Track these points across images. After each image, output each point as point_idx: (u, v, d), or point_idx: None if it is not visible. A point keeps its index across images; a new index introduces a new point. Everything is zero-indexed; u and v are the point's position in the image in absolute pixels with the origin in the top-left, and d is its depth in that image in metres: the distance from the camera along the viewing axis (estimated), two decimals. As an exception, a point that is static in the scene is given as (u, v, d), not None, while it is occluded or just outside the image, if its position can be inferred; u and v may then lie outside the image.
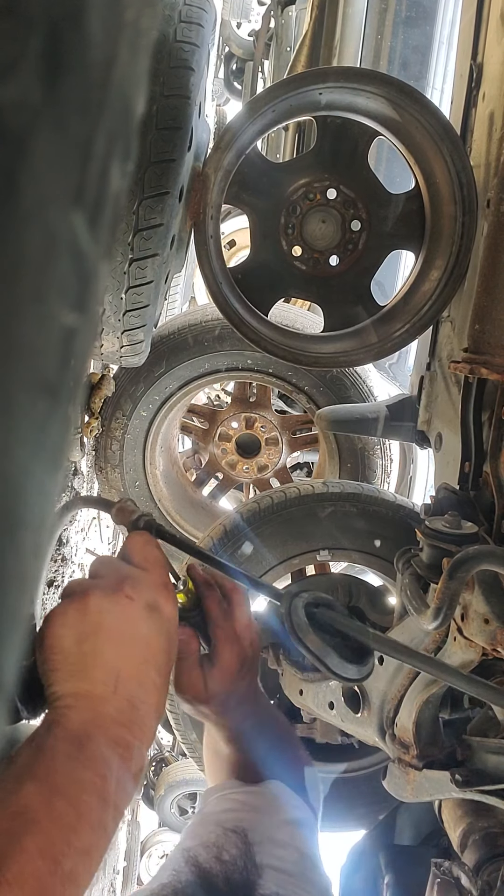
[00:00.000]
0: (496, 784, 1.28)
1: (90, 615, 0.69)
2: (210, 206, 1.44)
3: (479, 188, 1.45)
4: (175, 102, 1.30)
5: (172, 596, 0.77)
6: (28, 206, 0.18)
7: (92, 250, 0.21)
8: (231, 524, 1.95)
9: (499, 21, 1.47)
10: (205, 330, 2.69)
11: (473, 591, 1.20)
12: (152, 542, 0.81)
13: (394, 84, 1.39)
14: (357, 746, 2.05)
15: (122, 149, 0.22)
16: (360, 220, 1.55)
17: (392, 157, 2.67)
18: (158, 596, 0.74)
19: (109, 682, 0.66)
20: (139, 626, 0.71)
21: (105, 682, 0.66)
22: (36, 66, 0.17)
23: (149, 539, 0.81)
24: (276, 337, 1.59)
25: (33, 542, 0.21)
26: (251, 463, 3.24)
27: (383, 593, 2.02)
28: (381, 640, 0.79)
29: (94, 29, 0.19)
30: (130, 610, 0.71)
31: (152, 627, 0.72)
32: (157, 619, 0.73)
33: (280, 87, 1.40)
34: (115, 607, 0.70)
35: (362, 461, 2.85)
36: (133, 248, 1.33)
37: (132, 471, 2.87)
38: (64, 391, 0.21)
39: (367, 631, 0.79)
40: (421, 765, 1.37)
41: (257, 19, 8.59)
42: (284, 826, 0.92)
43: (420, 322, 1.56)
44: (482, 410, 1.45)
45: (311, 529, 1.93)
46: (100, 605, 0.70)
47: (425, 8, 3.08)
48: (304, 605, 0.78)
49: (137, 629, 0.71)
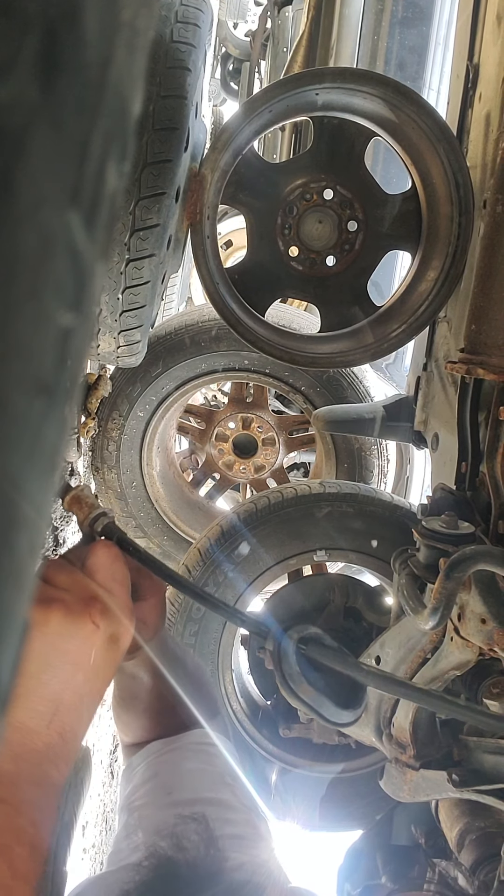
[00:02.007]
0: (493, 784, 1.28)
1: (48, 635, 0.64)
2: (207, 206, 1.44)
3: (475, 189, 1.46)
4: (172, 103, 1.30)
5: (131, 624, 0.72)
6: (24, 205, 0.18)
7: (88, 250, 0.21)
8: (228, 525, 1.95)
9: (495, 22, 1.47)
10: (201, 330, 2.69)
11: (470, 591, 1.20)
12: (119, 559, 0.74)
13: (390, 84, 1.39)
14: (354, 747, 2.05)
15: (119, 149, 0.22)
16: (356, 220, 1.55)
17: (389, 157, 2.68)
18: (121, 627, 0.69)
19: (46, 715, 0.62)
20: (96, 657, 0.67)
21: (42, 715, 0.62)
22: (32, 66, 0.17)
23: (116, 554, 0.74)
24: (273, 337, 1.59)
25: (29, 541, 0.21)
26: (248, 463, 3.24)
27: (380, 593, 2.02)
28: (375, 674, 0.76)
29: (90, 29, 0.19)
30: (93, 640, 0.66)
31: (107, 661, 0.68)
32: (114, 652, 0.69)
33: (277, 88, 1.40)
34: (78, 633, 0.65)
35: (359, 461, 2.85)
36: (130, 248, 1.32)
37: (129, 471, 2.87)
38: (60, 391, 0.21)
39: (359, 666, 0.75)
40: (418, 765, 1.37)
41: (254, 20, 8.59)
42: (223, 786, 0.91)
43: (417, 322, 1.56)
44: (479, 410, 1.46)
45: (308, 530, 1.93)
46: (61, 627, 0.65)
47: (422, 8, 3.09)
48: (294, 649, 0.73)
49: (93, 661, 0.66)
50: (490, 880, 1.33)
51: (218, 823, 0.82)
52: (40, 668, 0.63)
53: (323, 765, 2.08)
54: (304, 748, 2.07)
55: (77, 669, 0.65)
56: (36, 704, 0.62)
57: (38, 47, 0.17)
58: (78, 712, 0.64)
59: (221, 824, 0.83)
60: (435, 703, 0.82)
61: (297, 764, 2.07)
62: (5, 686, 0.22)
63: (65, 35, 0.18)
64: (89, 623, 0.66)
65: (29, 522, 0.21)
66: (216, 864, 0.75)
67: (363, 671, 0.74)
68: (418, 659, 1.36)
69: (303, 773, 2.09)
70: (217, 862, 0.75)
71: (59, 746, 0.62)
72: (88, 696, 0.66)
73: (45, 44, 0.17)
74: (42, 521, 0.22)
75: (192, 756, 0.95)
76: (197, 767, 0.93)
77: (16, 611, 0.21)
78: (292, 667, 0.72)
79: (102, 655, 0.67)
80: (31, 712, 0.61)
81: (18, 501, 0.20)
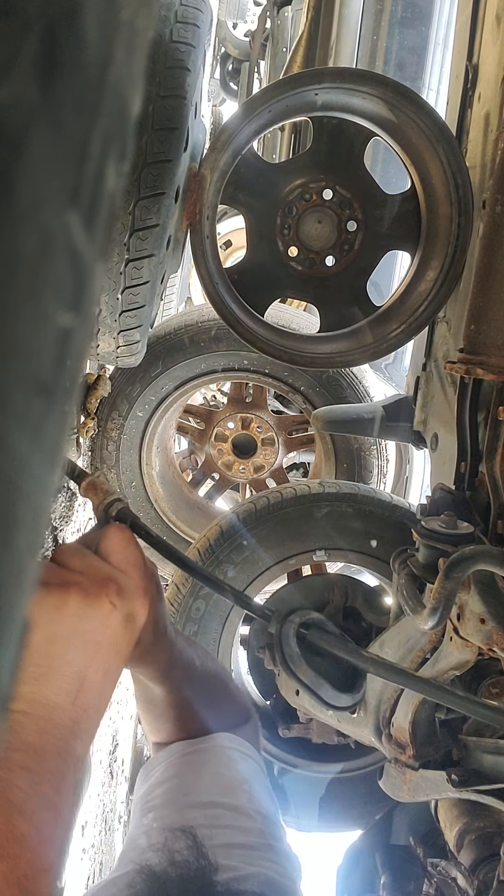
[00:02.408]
0: (492, 784, 1.28)
1: (67, 617, 0.66)
2: (206, 206, 1.44)
3: (474, 189, 1.46)
4: (171, 103, 1.30)
5: (147, 603, 0.74)
6: (24, 206, 0.18)
7: (88, 250, 0.21)
8: (227, 525, 1.95)
9: (494, 22, 1.47)
10: (201, 330, 2.69)
11: (469, 591, 1.20)
12: (133, 541, 0.76)
13: (389, 85, 1.39)
14: (354, 747, 2.05)
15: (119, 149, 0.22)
16: (356, 220, 1.55)
17: (388, 157, 2.68)
18: (137, 605, 0.72)
19: (71, 692, 0.64)
20: (114, 637, 0.69)
21: (67, 692, 0.64)
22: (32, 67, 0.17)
23: (130, 537, 0.76)
24: (273, 337, 1.59)
25: (28, 542, 0.21)
26: (247, 463, 3.24)
27: (379, 593, 2.02)
28: (374, 661, 0.76)
29: (90, 29, 0.19)
30: (110, 620, 0.68)
31: (125, 639, 0.70)
32: (132, 631, 0.71)
33: (276, 88, 1.40)
34: (96, 613, 0.68)
35: (358, 461, 2.85)
36: (129, 248, 1.32)
37: (128, 471, 2.87)
38: (60, 391, 0.21)
39: (359, 652, 0.75)
40: (417, 765, 1.37)
41: (253, 20, 8.59)
42: (240, 792, 0.91)
43: (416, 322, 1.56)
44: (478, 410, 1.46)
45: (307, 530, 1.93)
46: (80, 608, 0.67)
47: (421, 9, 3.09)
48: (294, 632, 0.74)
49: (112, 640, 0.69)
50: (489, 880, 1.33)
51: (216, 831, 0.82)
52: (63, 649, 0.65)
53: (322, 765, 2.08)
54: (304, 748, 2.07)
55: (98, 648, 0.67)
56: (61, 682, 0.64)
57: (38, 47, 0.17)
58: (100, 688, 0.67)
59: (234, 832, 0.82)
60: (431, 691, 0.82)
61: (296, 764, 2.07)
62: (5, 686, 0.22)
63: (64, 35, 0.18)
64: (106, 603, 0.69)
65: (28, 522, 0.21)
66: (208, 876, 0.75)
67: (363, 657, 0.75)
68: (418, 659, 1.36)
69: (302, 773, 2.09)
70: (209, 873, 0.75)
71: (84, 721, 0.64)
72: (109, 674, 0.68)
73: (44, 44, 0.17)
74: (41, 522, 0.22)
75: (212, 759, 0.95)
76: (215, 771, 0.93)
77: (15, 611, 0.21)
78: (292, 648, 0.73)
79: (120, 634, 0.70)
80: (56, 689, 0.63)
81: (17, 501, 0.20)
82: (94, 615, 0.67)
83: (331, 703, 0.74)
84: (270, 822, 0.90)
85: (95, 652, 0.67)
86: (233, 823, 0.85)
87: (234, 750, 0.97)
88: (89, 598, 0.68)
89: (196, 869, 0.76)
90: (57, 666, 0.64)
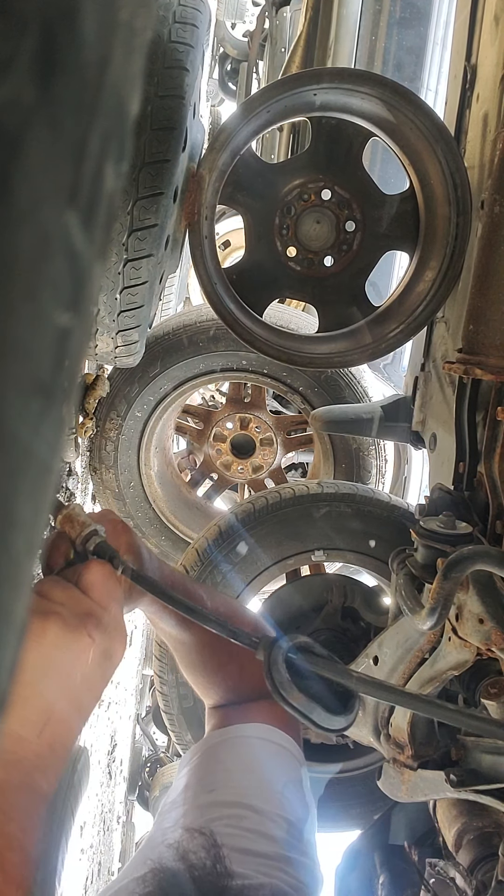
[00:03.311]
0: (491, 784, 1.29)
1: (45, 646, 0.65)
2: (205, 206, 1.44)
3: (473, 189, 1.46)
4: (170, 103, 1.30)
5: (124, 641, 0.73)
6: (22, 206, 0.18)
7: (86, 251, 0.21)
8: (226, 525, 1.95)
9: (492, 23, 1.47)
10: (199, 330, 2.69)
11: (468, 591, 1.20)
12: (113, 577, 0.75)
13: (388, 85, 1.39)
14: (352, 747, 2.05)
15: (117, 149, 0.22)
16: (354, 220, 1.55)
17: (386, 157, 2.68)
18: (115, 643, 0.71)
19: (38, 725, 0.63)
20: (89, 671, 0.68)
21: (34, 724, 0.63)
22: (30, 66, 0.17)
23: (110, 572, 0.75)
24: (271, 337, 1.59)
25: (26, 542, 0.21)
26: (246, 463, 3.24)
27: (378, 594, 2.03)
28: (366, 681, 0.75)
29: (88, 29, 0.19)
30: (87, 653, 0.67)
31: (100, 675, 0.69)
32: (107, 668, 0.70)
33: (275, 88, 1.40)
34: (73, 646, 0.66)
35: (357, 462, 2.85)
36: (128, 248, 1.32)
37: (127, 471, 2.87)
38: (58, 392, 0.21)
39: (349, 674, 0.74)
40: (416, 765, 1.37)
41: (252, 20, 8.59)
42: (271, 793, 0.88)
43: (414, 323, 1.57)
44: (476, 411, 1.46)
45: (305, 530, 1.93)
46: (58, 638, 0.66)
47: (419, 9, 3.09)
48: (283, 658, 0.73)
49: (86, 674, 0.67)
50: (488, 880, 1.33)
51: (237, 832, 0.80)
52: (35, 678, 0.64)
53: (321, 765, 2.08)
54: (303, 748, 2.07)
55: (70, 681, 0.66)
56: (28, 714, 0.63)
57: (36, 47, 0.17)
58: (68, 725, 0.65)
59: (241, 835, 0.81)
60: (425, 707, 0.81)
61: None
62: (4, 686, 0.22)
63: (62, 35, 0.18)
64: (85, 636, 0.67)
65: (26, 523, 0.21)
66: (222, 881, 0.74)
67: (353, 678, 0.74)
68: (416, 659, 1.36)
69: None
70: (223, 878, 0.75)
71: (49, 757, 0.63)
72: (79, 711, 0.67)
73: (42, 44, 0.17)
74: (39, 522, 0.22)
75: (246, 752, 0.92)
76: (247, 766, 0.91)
77: (14, 612, 0.21)
78: (282, 675, 0.72)
79: (96, 670, 0.68)
80: (23, 721, 0.62)
81: (16, 502, 0.20)
82: (71, 647, 0.66)
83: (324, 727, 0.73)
84: (296, 832, 0.87)
85: (67, 686, 0.66)
86: (255, 828, 0.82)
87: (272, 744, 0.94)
88: (69, 628, 0.67)
89: (210, 872, 0.75)
90: (27, 696, 0.63)
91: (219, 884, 0.74)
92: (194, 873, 0.75)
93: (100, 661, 0.68)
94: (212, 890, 0.73)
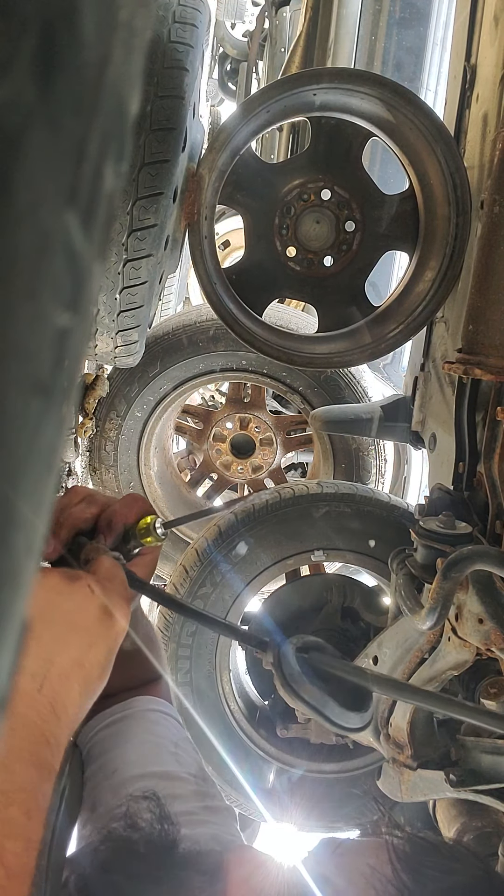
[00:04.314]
0: (490, 784, 1.29)
1: (46, 590, 0.64)
2: (204, 206, 1.44)
3: (472, 189, 1.46)
4: (169, 103, 1.30)
5: (127, 613, 0.71)
6: (21, 206, 0.18)
7: (86, 251, 0.21)
8: (226, 525, 1.95)
9: (492, 23, 1.47)
10: (199, 330, 2.69)
11: (468, 591, 1.20)
12: (119, 565, 0.76)
13: (388, 85, 1.39)
14: (352, 747, 2.05)
15: (116, 149, 0.22)
16: (354, 220, 1.55)
17: (386, 157, 2.68)
18: (116, 605, 0.69)
19: (38, 676, 0.59)
20: (89, 622, 0.65)
21: (33, 675, 0.59)
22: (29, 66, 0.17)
23: (116, 563, 0.76)
24: (271, 337, 1.59)
25: (26, 542, 0.21)
26: (245, 463, 3.24)
27: (378, 594, 2.03)
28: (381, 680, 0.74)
29: (88, 29, 0.19)
30: (86, 602, 0.66)
31: (100, 632, 0.66)
32: (107, 627, 0.67)
33: (274, 88, 1.40)
34: (72, 592, 0.66)
35: (357, 462, 2.85)
36: (127, 248, 1.32)
37: (126, 471, 2.87)
38: (58, 391, 0.21)
39: (363, 672, 0.73)
40: (415, 765, 1.37)
41: (251, 20, 8.59)
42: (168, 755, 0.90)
43: (414, 323, 1.57)
44: (476, 411, 1.46)
45: (305, 530, 1.93)
46: (56, 584, 0.65)
47: (419, 9, 3.09)
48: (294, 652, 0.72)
49: (86, 624, 0.65)
50: (487, 880, 1.33)
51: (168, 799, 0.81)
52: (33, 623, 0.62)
53: (321, 765, 2.08)
54: (302, 748, 2.07)
55: (70, 630, 0.64)
56: (27, 662, 0.60)
57: (35, 47, 0.17)
58: (69, 682, 0.62)
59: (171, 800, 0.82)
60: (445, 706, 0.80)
61: (294, 764, 2.07)
62: (4, 686, 0.22)
63: (62, 35, 0.18)
64: (85, 586, 0.67)
65: (26, 523, 0.21)
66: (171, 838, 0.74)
67: (367, 676, 0.72)
68: (416, 659, 1.36)
69: (300, 773, 2.09)
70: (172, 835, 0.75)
71: (52, 722, 0.59)
72: (80, 668, 0.63)
73: (42, 44, 0.17)
74: (40, 522, 0.22)
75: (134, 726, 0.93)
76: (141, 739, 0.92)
77: (14, 612, 0.21)
78: (293, 668, 0.71)
79: (96, 626, 0.66)
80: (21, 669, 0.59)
81: (16, 502, 0.20)
82: (69, 593, 0.66)
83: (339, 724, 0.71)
84: (203, 781, 0.90)
85: (66, 634, 0.63)
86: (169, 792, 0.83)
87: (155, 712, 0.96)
88: (68, 577, 0.67)
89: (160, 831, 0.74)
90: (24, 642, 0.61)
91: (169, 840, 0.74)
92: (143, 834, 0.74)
93: (100, 616, 0.67)
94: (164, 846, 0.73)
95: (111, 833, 0.75)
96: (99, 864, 0.72)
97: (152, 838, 0.74)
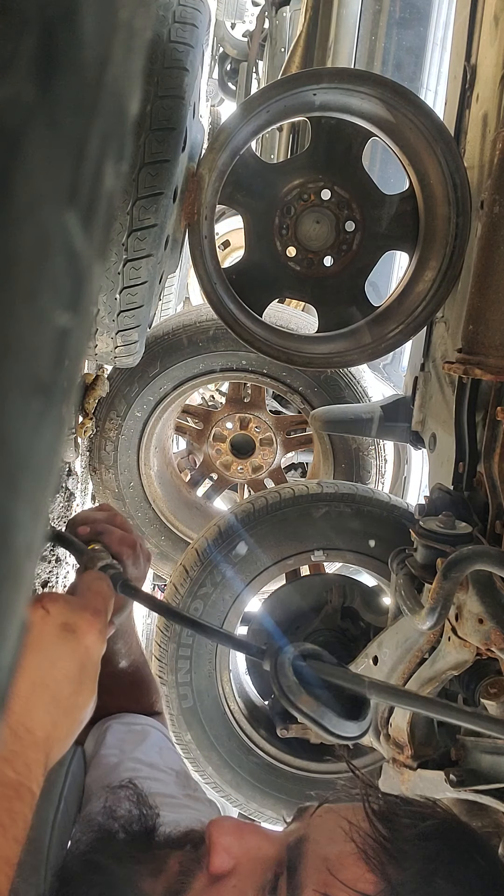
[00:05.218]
0: (490, 784, 1.29)
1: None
2: (204, 206, 1.44)
3: (472, 189, 1.46)
4: (169, 103, 1.30)
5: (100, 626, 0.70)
6: (21, 206, 0.18)
7: (86, 251, 0.21)
8: (225, 525, 1.95)
9: (492, 23, 1.47)
10: (199, 330, 2.69)
11: (468, 591, 1.20)
12: (103, 578, 0.75)
13: (388, 85, 1.39)
14: (352, 747, 2.05)
15: (116, 149, 0.22)
16: (354, 220, 1.55)
17: (386, 157, 2.68)
18: (81, 620, 0.67)
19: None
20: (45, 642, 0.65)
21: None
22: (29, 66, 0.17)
23: (101, 576, 0.76)
24: (271, 337, 1.59)
25: (26, 541, 0.21)
26: (246, 463, 3.24)
27: (378, 594, 2.03)
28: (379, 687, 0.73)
29: (88, 29, 0.19)
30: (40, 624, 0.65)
31: (62, 650, 0.65)
32: (71, 643, 0.66)
33: (274, 88, 1.40)
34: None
35: (357, 462, 2.85)
36: (127, 248, 1.32)
37: (126, 471, 2.87)
38: (58, 391, 0.21)
39: (361, 679, 0.72)
40: (415, 765, 1.37)
41: (251, 20, 8.58)
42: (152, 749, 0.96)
43: (414, 323, 1.57)
44: (476, 411, 1.46)
45: (305, 530, 1.93)
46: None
47: (419, 9, 3.09)
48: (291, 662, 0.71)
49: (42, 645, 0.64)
50: (487, 880, 1.33)
51: (147, 783, 0.83)
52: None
53: (321, 765, 2.08)
54: (302, 748, 2.07)
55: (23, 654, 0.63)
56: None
57: (36, 47, 0.17)
58: (28, 703, 0.61)
59: (151, 783, 0.84)
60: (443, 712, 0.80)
61: (294, 764, 2.07)
62: (4, 686, 0.22)
63: (62, 35, 0.18)
64: (38, 609, 0.66)
65: (26, 523, 0.21)
66: (150, 822, 0.76)
67: (365, 683, 0.72)
68: (416, 659, 1.36)
69: (300, 774, 2.09)
70: (151, 819, 0.76)
71: (12, 742, 0.58)
72: (42, 688, 0.62)
73: (42, 43, 0.17)
74: (39, 522, 0.22)
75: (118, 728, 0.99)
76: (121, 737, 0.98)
77: (13, 612, 0.21)
78: (290, 679, 0.70)
79: (54, 644, 0.65)
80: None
81: (15, 502, 0.20)
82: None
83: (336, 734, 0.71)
84: (184, 776, 0.95)
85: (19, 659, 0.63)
86: (151, 776, 0.87)
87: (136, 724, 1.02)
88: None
89: (139, 816, 0.76)
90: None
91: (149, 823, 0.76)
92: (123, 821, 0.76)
93: (58, 635, 0.66)
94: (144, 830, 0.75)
95: (90, 824, 0.76)
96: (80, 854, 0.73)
97: (131, 823, 0.75)
